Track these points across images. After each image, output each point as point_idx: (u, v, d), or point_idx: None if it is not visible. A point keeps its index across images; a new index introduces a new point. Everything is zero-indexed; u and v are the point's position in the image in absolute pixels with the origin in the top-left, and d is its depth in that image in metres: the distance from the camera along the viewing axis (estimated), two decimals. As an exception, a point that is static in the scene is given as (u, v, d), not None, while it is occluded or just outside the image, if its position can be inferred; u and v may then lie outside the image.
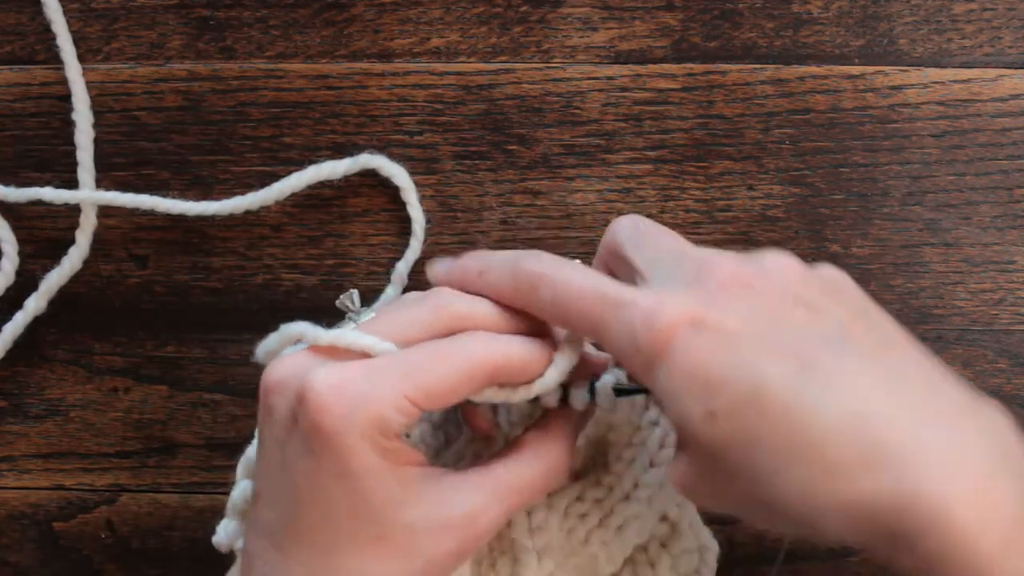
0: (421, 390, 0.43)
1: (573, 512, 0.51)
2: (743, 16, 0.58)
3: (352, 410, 0.42)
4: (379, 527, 0.43)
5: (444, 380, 0.44)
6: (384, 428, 0.43)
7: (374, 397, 0.43)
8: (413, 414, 0.43)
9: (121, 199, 0.58)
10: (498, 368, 0.45)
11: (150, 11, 0.59)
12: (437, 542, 0.44)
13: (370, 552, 0.43)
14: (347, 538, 0.43)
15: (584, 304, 0.43)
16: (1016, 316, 0.58)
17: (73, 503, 0.60)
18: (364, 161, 0.57)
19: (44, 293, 0.58)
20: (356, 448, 0.42)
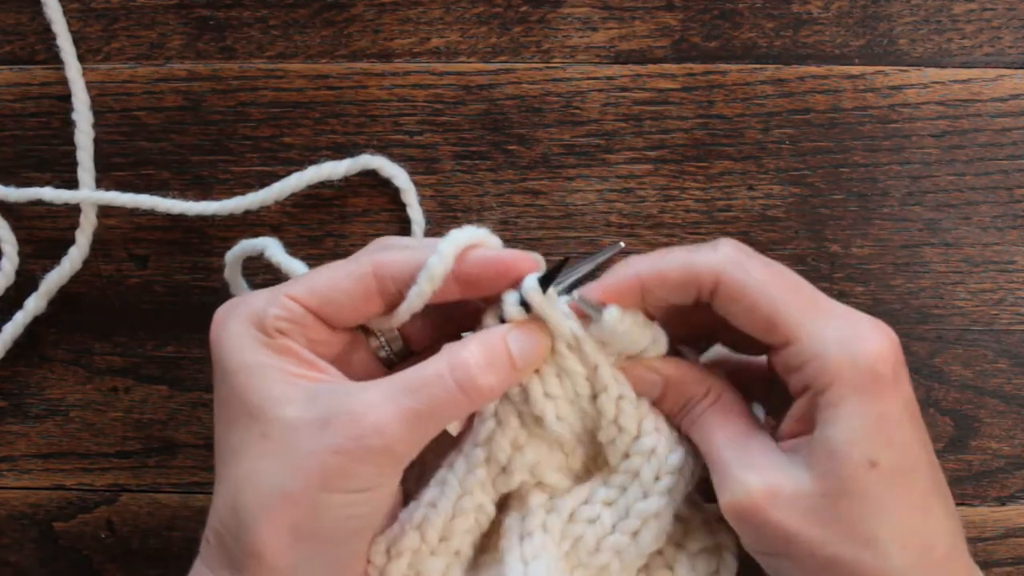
0: (301, 287, 0.46)
1: (581, 517, 0.48)
2: (743, 16, 0.58)
3: (229, 312, 0.46)
4: (261, 424, 0.44)
5: (325, 277, 0.46)
6: (260, 322, 0.45)
7: (251, 299, 0.46)
8: (292, 308, 0.45)
9: (121, 199, 0.58)
10: (381, 267, 0.46)
11: (150, 11, 0.59)
12: (317, 437, 0.43)
13: (257, 450, 0.44)
14: (238, 441, 0.45)
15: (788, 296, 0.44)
16: (1016, 316, 0.58)
17: (73, 503, 0.60)
18: (364, 162, 0.57)
19: (44, 293, 0.58)
20: (230, 345, 0.45)
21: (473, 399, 0.45)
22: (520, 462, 0.48)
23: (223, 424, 0.46)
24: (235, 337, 0.45)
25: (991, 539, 0.58)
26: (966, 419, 0.58)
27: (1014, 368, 0.58)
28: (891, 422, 0.43)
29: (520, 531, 0.48)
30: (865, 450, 0.42)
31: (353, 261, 0.47)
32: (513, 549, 0.48)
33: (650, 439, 0.48)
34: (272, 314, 0.45)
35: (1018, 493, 0.58)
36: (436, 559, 0.47)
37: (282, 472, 0.43)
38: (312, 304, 0.46)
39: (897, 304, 0.58)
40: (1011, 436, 0.58)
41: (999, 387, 0.58)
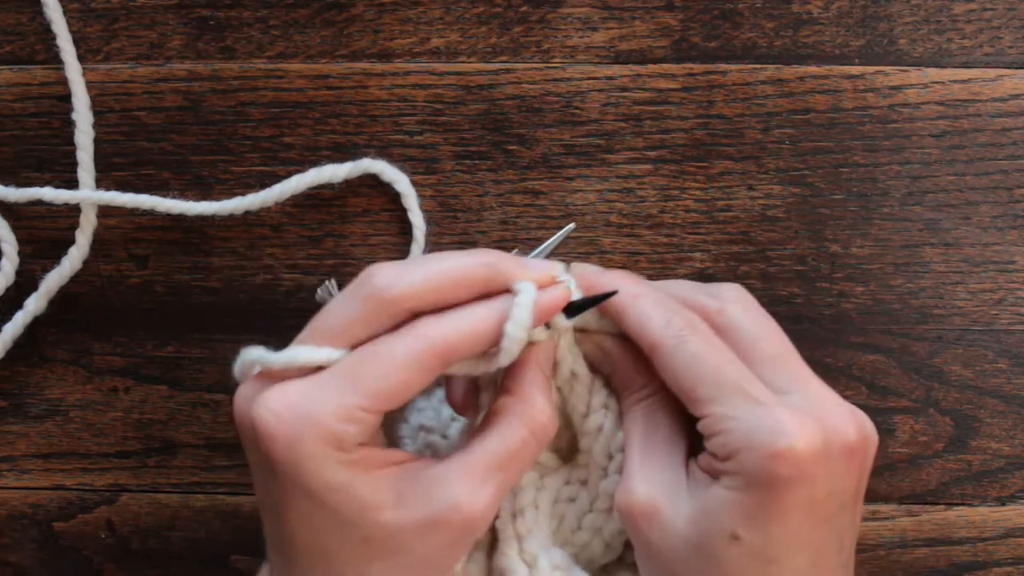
0: (369, 395, 0.43)
1: (563, 496, 0.50)
2: (743, 16, 0.58)
3: (298, 433, 0.43)
4: (362, 532, 0.43)
5: (391, 378, 0.43)
6: (339, 442, 0.43)
7: (318, 414, 0.43)
8: (367, 420, 0.43)
9: (121, 199, 0.57)
10: (447, 350, 0.44)
11: (150, 11, 0.59)
12: (426, 539, 0.44)
13: (363, 555, 0.44)
14: (338, 545, 0.44)
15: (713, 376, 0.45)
16: (1016, 316, 0.58)
17: (73, 503, 0.60)
18: (365, 165, 0.57)
19: (44, 293, 0.58)
20: (310, 469, 0.43)
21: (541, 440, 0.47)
22: None
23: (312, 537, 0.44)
24: (316, 461, 0.43)
25: (991, 539, 0.58)
26: (966, 419, 0.58)
27: (1014, 368, 0.58)
28: (772, 513, 0.43)
29: (512, 508, 0.49)
30: (732, 523, 0.44)
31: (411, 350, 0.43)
32: (507, 526, 0.48)
33: (596, 416, 0.49)
34: (351, 433, 0.43)
35: (1018, 493, 0.58)
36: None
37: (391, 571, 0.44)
38: (381, 408, 0.44)
39: (897, 304, 0.58)
40: (1011, 436, 0.58)
41: (999, 387, 0.58)
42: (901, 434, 0.58)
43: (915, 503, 0.59)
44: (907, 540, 0.59)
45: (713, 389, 0.45)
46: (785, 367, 0.46)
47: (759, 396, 0.45)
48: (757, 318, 0.48)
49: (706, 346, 0.46)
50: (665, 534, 0.45)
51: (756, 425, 0.44)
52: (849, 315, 0.58)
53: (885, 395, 0.58)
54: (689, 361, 0.46)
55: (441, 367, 0.44)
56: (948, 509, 0.58)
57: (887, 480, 0.58)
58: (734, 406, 0.44)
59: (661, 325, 0.46)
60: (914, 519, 0.58)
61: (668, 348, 0.46)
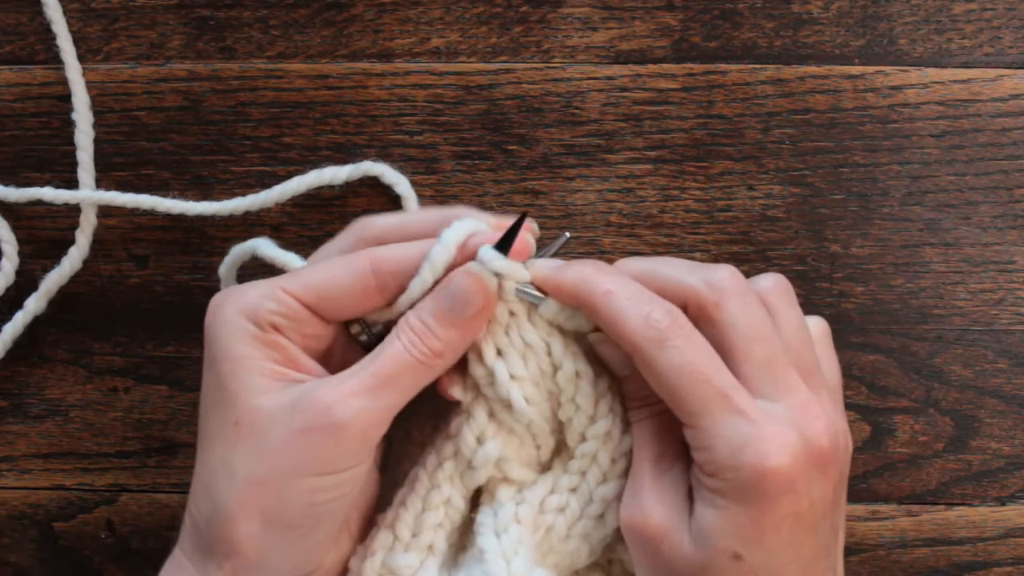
0: (296, 281, 0.46)
1: (550, 507, 0.48)
2: (743, 16, 0.58)
3: (224, 300, 0.46)
4: (236, 412, 0.45)
5: (321, 272, 0.46)
6: (253, 314, 0.45)
7: (248, 289, 0.46)
8: (288, 303, 0.45)
9: (121, 199, 0.58)
10: (378, 258, 0.46)
11: (150, 11, 0.59)
12: (291, 436, 0.44)
13: (231, 439, 0.45)
14: (216, 429, 0.45)
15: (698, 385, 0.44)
16: (1016, 316, 0.58)
17: (73, 503, 0.60)
18: (366, 168, 0.57)
19: (44, 293, 0.58)
20: (221, 333, 0.45)
21: (425, 364, 0.46)
22: (482, 456, 0.48)
23: (203, 410, 0.46)
24: (226, 326, 0.46)
25: (991, 539, 0.58)
26: (966, 419, 0.58)
27: (1014, 368, 0.58)
28: (765, 527, 0.43)
29: (495, 527, 0.48)
30: (731, 543, 0.43)
31: (351, 256, 0.47)
32: (491, 546, 0.48)
33: (605, 422, 0.48)
34: (266, 308, 0.46)
35: (1018, 493, 0.58)
36: (408, 555, 0.48)
37: (252, 458, 0.44)
38: (309, 300, 0.46)
39: (897, 304, 0.58)
40: (1011, 436, 0.58)
41: (999, 387, 0.58)
42: (901, 434, 0.58)
43: (915, 503, 0.59)
44: (907, 540, 0.59)
45: (698, 401, 0.44)
46: (772, 373, 0.45)
47: (744, 408, 0.44)
48: (753, 315, 0.45)
49: (690, 349, 0.44)
50: (674, 555, 0.44)
51: (741, 443, 0.43)
52: (849, 315, 0.58)
53: (885, 395, 0.58)
54: (673, 367, 0.44)
55: (372, 280, 0.46)
56: (948, 509, 0.59)
57: (887, 480, 0.58)
58: (719, 421, 0.44)
59: (639, 324, 0.44)
60: (914, 519, 0.58)
61: (650, 352, 0.44)
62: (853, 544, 0.58)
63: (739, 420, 0.43)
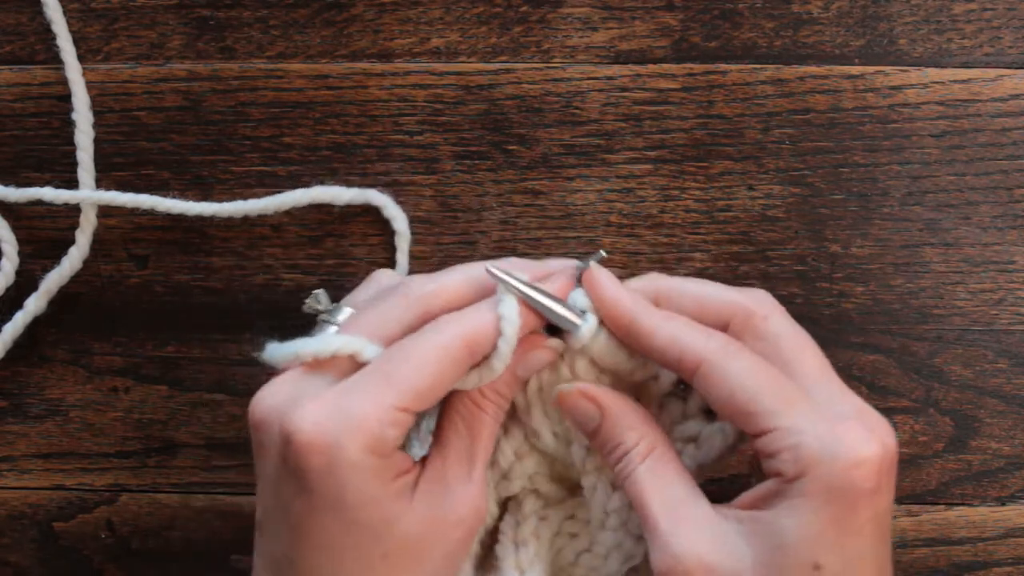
0: (406, 393, 0.42)
1: (565, 530, 0.50)
2: (743, 16, 0.58)
3: (341, 441, 0.41)
4: (382, 546, 0.42)
5: (425, 374, 0.42)
6: (380, 447, 0.42)
7: (362, 419, 0.42)
8: (407, 421, 0.43)
9: (121, 199, 0.58)
10: (474, 340, 0.44)
11: (150, 11, 0.59)
12: (444, 540, 0.44)
13: (381, 570, 0.43)
14: (353, 564, 0.42)
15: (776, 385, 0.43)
16: (1016, 316, 0.58)
17: (73, 503, 0.60)
18: (369, 196, 0.57)
19: (44, 293, 0.58)
20: (349, 480, 0.41)
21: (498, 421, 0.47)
22: (519, 470, 0.49)
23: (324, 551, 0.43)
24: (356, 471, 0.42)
25: (991, 539, 0.58)
26: (966, 419, 0.58)
27: (1014, 368, 0.58)
28: (849, 531, 0.42)
29: (514, 537, 0.49)
30: (813, 552, 0.41)
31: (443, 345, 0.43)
32: (508, 556, 0.48)
33: (589, 479, 0.48)
34: (391, 435, 0.42)
35: (1018, 493, 0.58)
36: None
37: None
38: (421, 409, 0.44)
39: (897, 304, 0.58)
40: (1011, 436, 0.58)
41: (999, 387, 0.58)
42: (901, 434, 0.58)
43: (915, 503, 0.59)
44: (907, 540, 0.59)
45: (775, 402, 0.42)
46: (828, 380, 0.44)
47: (821, 410, 0.43)
48: (797, 331, 0.45)
49: (756, 358, 0.44)
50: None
51: (829, 436, 0.42)
52: (849, 315, 0.58)
53: (885, 395, 0.58)
54: (745, 370, 0.43)
55: (469, 359, 0.44)
56: (948, 509, 0.59)
57: (887, 480, 0.58)
58: (801, 418, 0.42)
59: (703, 339, 0.44)
60: (914, 519, 0.58)
61: (718, 361, 0.43)
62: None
63: (818, 417, 0.42)
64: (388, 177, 0.58)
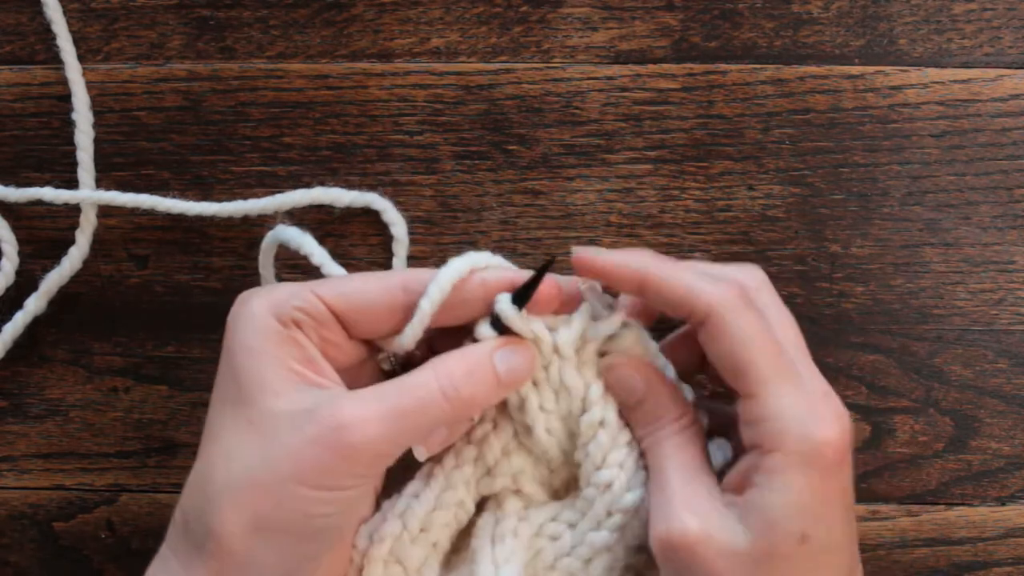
0: (330, 287, 0.46)
1: (545, 532, 0.49)
2: (743, 16, 0.58)
3: (251, 296, 0.46)
4: (249, 410, 0.44)
5: (352, 281, 0.46)
6: (278, 310, 0.45)
7: (277, 288, 0.46)
8: (314, 304, 0.45)
9: (121, 199, 0.58)
10: (409, 279, 0.46)
11: (150, 11, 0.59)
12: (298, 428, 0.43)
13: (239, 435, 0.44)
14: (225, 423, 0.45)
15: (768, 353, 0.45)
16: (1016, 316, 0.58)
17: (73, 503, 0.60)
18: (369, 200, 0.57)
19: (44, 293, 0.58)
20: (243, 325, 0.45)
21: (455, 407, 0.45)
22: (505, 467, 0.49)
23: (215, 402, 0.46)
24: (250, 319, 0.45)
25: (991, 539, 0.58)
26: (966, 419, 0.58)
27: (1014, 368, 0.58)
28: (826, 502, 0.44)
29: (492, 533, 0.48)
30: (799, 523, 0.43)
31: (384, 272, 0.47)
32: (484, 550, 0.48)
33: (608, 472, 0.47)
34: (292, 304, 0.45)
35: (1018, 493, 0.58)
36: (415, 548, 0.48)
37: (257, 459, 0.44)
38: (337, 305, 0.46)
39: (897, 304, 0.58)
40: (1011, 436, 0.58)
41: (999, 387, 0.58)
42: (901, 434, 0.58)
43: (915, 503, 0.59)
44: (907, 540, 0.59)
45: (767, 369, 0.44)
46: (804, 357, 0.46)
47: (804, 381, 0.45)
48: (782, 306, 0.47)
49: (760, 320, 0.45)
50: (728, 558, 0.44)
51: (805, 412, 0.44)
52: (849, 315, 0.58)
53: (885, 395, 0.58)
54: (747, 332, 0.44)
55: (402, 296, 0.46)
56: (948, 509, 0.59)
57: (887, 480, 0.58)
58: (784, 390, 0.44)
59: (715, 291, 0.45)
60: (914, 519, 0.58)
61: (726, 315, 0.44)
62: (853, 544, 0.58)
63: (799, 392, 0.44)
64: (388, 177, 0.58)
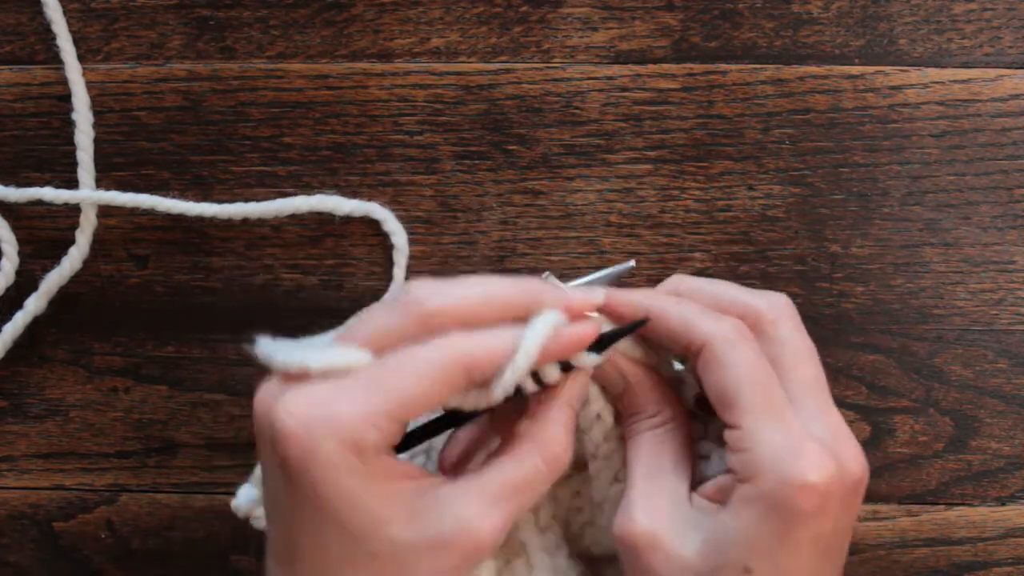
0: (393, 400, 0.42)
1: (572, 506, 0.51)
2: (743, 16, 0.58)
3: (318, 437, 0.41)
4: (369, 548, 0.42)
5: (415, 385, 0.42)
6: (359, 448, 0.42)
7: (342, 418, 0.41)
8: (388, 428, 0.42)
9: (121, 199, 0.58)
10: (471, 362, 0.43)
11: (150, 11, 0.59)
12: (432, 559, 0.43)
13: (367, 570, 0.43)
14: (343, 559, 0.43)
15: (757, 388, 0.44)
16: (1016, 316, 0.58)
17: (73, 503, 0.60)
18: (369, 209, 0.57)
19: (44, 293, 0.58)
20: (325, 475, 0.41)
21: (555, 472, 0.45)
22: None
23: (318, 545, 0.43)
24: (332, 468, 0.41)
25: (991, 539, 0.58)
26: (966, 419, 0.58)
27: (1014, 368, 0.58)
28: (785, 545, 0.43)
29: (536, 523, 0.50)
30: (746, 556, 0.43)
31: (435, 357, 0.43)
32: (534, 541, 0.49)
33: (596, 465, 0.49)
34: (372, 440, 0.42)
35: (1018, 493, 0.58)
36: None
37: None
38: (407, 419, 0.43)
39: (897, 304, 0.58)
40: (1011, 436, 0.58)
41: (999, 387, 0.58)
42: (901, 434, 0.58)
43: (915, 503, 0.59)
44: (907, 540, 0.59)
45: (754, 401, 0.44)
46: (815, 394, 0.46)
47: (791, 421, 0.44)
48: (803, 340, 0.47)
49: (758, 355, 0.45)
50: (671, 566, 0.44)
51: (785, 451, 0.43)
52: (849, 315, 0.58)
53: (885, 395, 0.58)
54: (741, 364, 0.44)
55: (464, 380, 0.43)
56: (948, 509, 0.59)
57: (887, 480, 0.58)
58: (766, 425, 0.44)
59: (714, 324, 0.45)
60: (914, 519, 0.58)
61: (719, 347, 0.45)
62: (853, 544, 0.58)
63: (785, 429, 0.44)
64: (388, 177, 0.58)
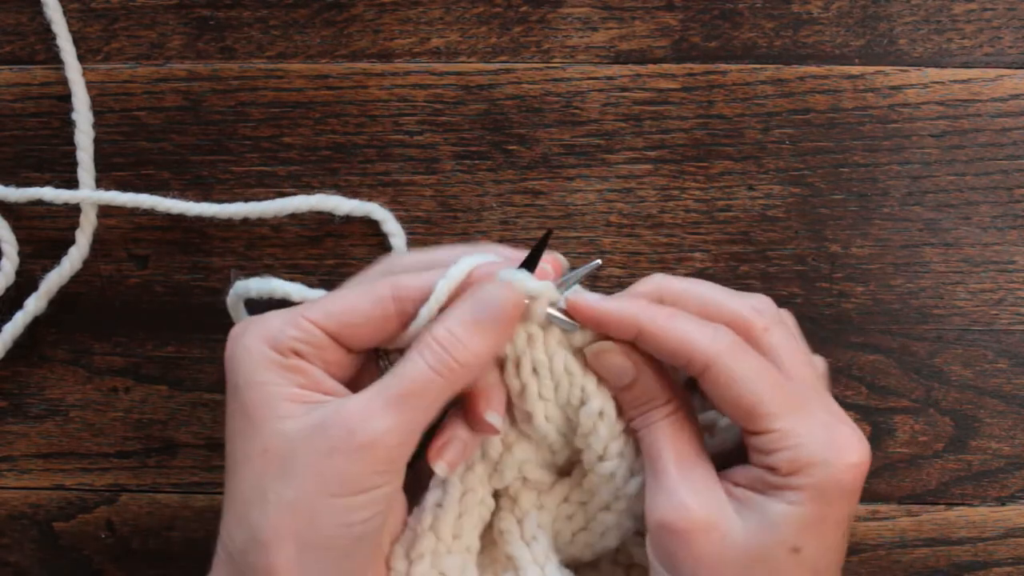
0: (319, 310, 0.46)
1: (561, 513, 0.50)
2: (743, 16, 0.58)
3: (245, 329, 0.46)
4: (263, 439, 0.44)
5: (342, 300, 0.46)
6: (275, 341, 0.45)
7: (268, 319, 0.46)
8: (310, 330, 0.45)
9: (121, 199, 0.58)
10: (399, 287, 0.46)
11: (150, 11, 0.59)
12: (312, 444, 0.44)
13: (260, 465, 0.44)
14: (243, 456, 0.45)
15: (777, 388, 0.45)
16: (1016, 316, 0.58)
17: (73, 503, 0.60)
18: (369, 209, 0.58)
19: (44, 293, 0.58)
20: (243, 361, 0.45)
21: (449, 378, 0.45)
22: (510, 460, 0.49)
23: (230, 438, 0.46)
24: (248, 353, 0.45)
25: (991, 539, 0.58)
26: (966, 419, 0.58)
27: (1014, 368, 0.58)
28: (829, 524, 0.45)
29: (522, 535, 0.50)
30: (797, 537, 0.45)
31: (370, 284, 0.47)
32: (524, 555, 0.49)
33: (611, 464, 0.48)
34: (288, 335, 0.45)
35: (1018, 493, 0.58)
36: (453, 557, 0.48)
37: (281, 483, 0.44)
38: (330, 327, 0.46)
39: (897, 304, 0.58)
40: (1011, 436, 0.58)
41: (999, 387, 0.58)
42: (901, 434, 0.58)
43: (915, 503, 0.59)
44: (907, 540, 0.59)
45: (779, 405, 0.45)
46: (819, 393, 0.47)
47: (817, 412, 0.46)
48: (795, 342, 0.48)
49: (759, 360, 0.46)
50: (723, 548, 0.45)
51: (825, 441, 0.45)
52: (849, 315, 0.58)
53: (885, 395, 0.58)
54: (751, 372, 0.45)
55: (393, 306, 0.46)
56: (948, 509, 0.59)
57: (887, 480, 0.58)
58: (800, 422, 0.45)
59: (710, 339, 0.46)
60: (914, 519, 0.59)
61: (725, 363, 0.45)
62: (853, 544, 0.58)
63: (815, 421, 0.45)
64: (388, 177, 0.58)
